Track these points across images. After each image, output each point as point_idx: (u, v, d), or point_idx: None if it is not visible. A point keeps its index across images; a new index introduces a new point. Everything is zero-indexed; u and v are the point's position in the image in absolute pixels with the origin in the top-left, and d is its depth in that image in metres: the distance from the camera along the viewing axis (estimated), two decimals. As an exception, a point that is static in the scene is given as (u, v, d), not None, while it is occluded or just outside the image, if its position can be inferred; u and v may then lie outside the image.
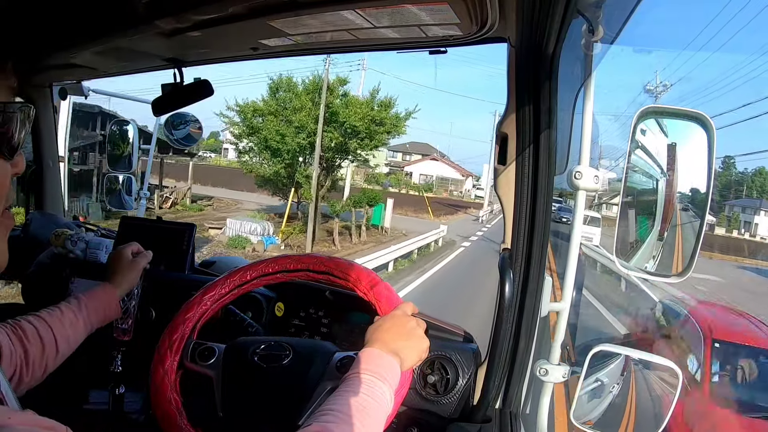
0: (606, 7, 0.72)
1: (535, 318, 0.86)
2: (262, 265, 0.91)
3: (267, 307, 1.11)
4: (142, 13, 0.81)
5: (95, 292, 0.93)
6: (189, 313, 0.86)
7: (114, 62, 1.23)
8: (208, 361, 0.82)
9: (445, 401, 0.88)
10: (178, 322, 0.85)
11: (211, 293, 0.88)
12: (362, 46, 0.97)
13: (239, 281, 0.90)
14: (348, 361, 0.76)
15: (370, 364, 0.67)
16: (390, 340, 0.71)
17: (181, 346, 0.83)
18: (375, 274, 0.85)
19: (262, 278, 0.91)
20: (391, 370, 0.68)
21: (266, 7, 0.78)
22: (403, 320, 0.75)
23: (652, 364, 0.89)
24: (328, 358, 0.79)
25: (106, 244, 1.29)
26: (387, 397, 0.65)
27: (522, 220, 0.84)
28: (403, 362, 0.70)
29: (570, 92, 0.83)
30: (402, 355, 0.70)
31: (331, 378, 0.75)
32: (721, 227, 32.62)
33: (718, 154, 0.72)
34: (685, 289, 6.52)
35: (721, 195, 34.50)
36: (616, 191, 0.83)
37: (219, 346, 0.84)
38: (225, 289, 0.89)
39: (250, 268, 0.91)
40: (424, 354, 0.75)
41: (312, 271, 0.89)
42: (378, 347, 0.70)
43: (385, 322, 0.74)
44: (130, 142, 1.78)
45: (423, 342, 0.74)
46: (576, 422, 0.86)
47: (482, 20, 0.73)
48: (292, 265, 0.90)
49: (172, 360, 0.81)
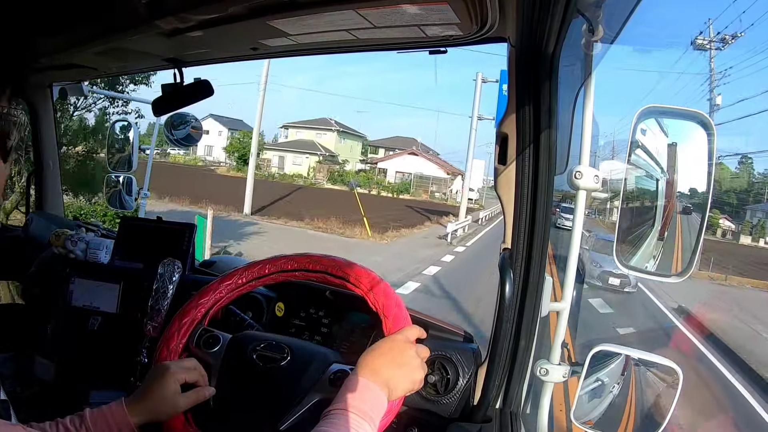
0: (606, 7, 0.72)
1: (536, 318, 0.86)
2: (283, 260, 0.92)
3: (267, 307, 1.11)
4: (143, 13, 0.81)
5: (104, 414, 0.72)
6: (203, 298, 0.87)
7: (114, 62, 1.23)
8: (211, 349, 0.83)
9: (446, 401, 0.88)
10: (190, 306, 0.86)
11: (228, 282, 0.90)
12: (362, 46, 0.97)
13: (258, 274, 0.91)
14: (342, 375, 0.76)
15: (355, 399, 0.65)
16: (381, 367, 0.70)
17: (189, 330, 0.84)
18: (375, 274, 0.85)
19: (281, 273, 0.92)
20: (377, 405, 0.67)
21: (266, 7, 0.78)
22: (401, 347, 0.73)
23: (652, 363, 0.89)
24: (323, 368, 0.79)
25: (106, 244, 1.29)
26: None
27: (522, 219, 0.84)
28: (391, 392, 0.69)
29: (570, 92, 0.83)
30: (392, 385, 0.69)
31: (320, 390, 0.75)
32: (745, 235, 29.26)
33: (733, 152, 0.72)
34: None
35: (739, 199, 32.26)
36: (617, 191, 0.83)
37: (225, 335, 0.85)
38: (242, 279, 0.91)
39: (269, 263, 0.92)
40: (418, 385, 0.74)
41: (307, 271, 0.90)
42: (368, 376, 0.69)
43: (383, 345, 0.73)
44: (131, 142, 1.78)
45: (417, 373, 0.73)
46: (576, 422, 0.86)
47: (482, 20, 0.73)
48: (288, 264, 0.91)
49: (177, 342, 0.83)
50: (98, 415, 0.72)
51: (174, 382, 0.75)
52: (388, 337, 0.75)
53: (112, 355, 1.13)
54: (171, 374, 0.75)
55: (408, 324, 0.78)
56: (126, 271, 1.25)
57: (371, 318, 0.92)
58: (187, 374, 0.77)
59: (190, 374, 0.77)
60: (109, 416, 0.72)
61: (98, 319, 1.23)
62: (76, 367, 1.23)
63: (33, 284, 1.29)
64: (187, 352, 0.84)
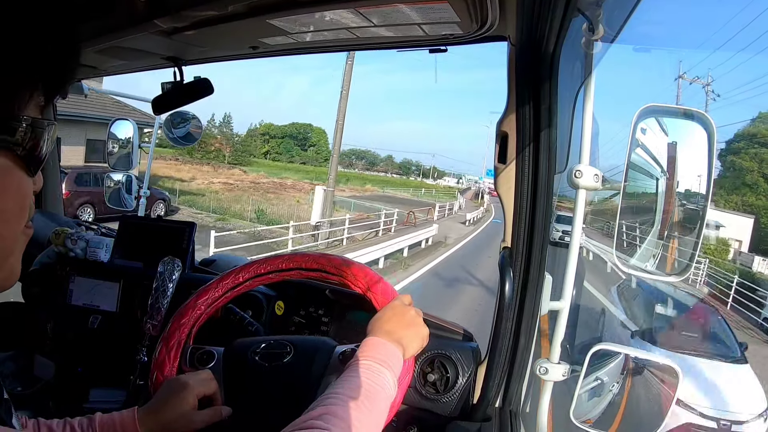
0: (606, 6, 0.71)
1: (535, 316, 0.86)
2: (254, 266, 0.91)
3: (267, 305, 1.11)
4: (143, 11, 0.80)
5: (114, 421, 0.70)
6: (183, 318, 0.86)
7: (114, 61, 1.23)
8: (207, 365, 0.81)
9: (445, 400, 0.88)
10: (173, 329, 0.85)
11: (204, 297, 0.88)
12: (362, 45, 0.97)
13: (231, 284, 0.90)
14: (349, 353, 0.77)
15: (372, 351, 0.68)
16: (392, 330, 0.72)
17: (179, 352, 0.82)
18: (371, 270, 0.86)
19: (255, 279, 0.91)
20: (394, 357, 0.69)
21: (266, 5, 0.77)
22: (402, 310, 0.76)
23: (651, 362, 0.89)
24: (329, 353, 0.79)
25: (106, 243, 1.29)
26: (390, 382, 0.66)
27: (522, 218, 0.84)
28: (405, 350, 0.72)
29: (570, 91, 0.83)
30: (404, 343, 0.72)
31: (333, 372, 0.76)
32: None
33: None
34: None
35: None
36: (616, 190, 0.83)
37: (217, 349, 0.84)
38: (218, 292, 0.90)
39: (242, 270, 0.91)
40: (425, 341, 0.76)
41: (304, 269, 0.90)
42: (380, 336, 0.71)
43: (385, 312, 0.76)
44: (130, 140, 1.78)
45: (423, 329, 0.76)
46: (576, 421, 0.86)
47: (482, 19, 0.73)
48: (284, 264, 0.91)
49: (171, 367, 0.81)
50: (108, 422, 0.70)
51: (193, 398, 0.73)
52: (387, 305, 0.78)
53: (112, 354, 1.13)
54: (191, 389, 0.73)
55: (396, 295, 0.81)
56: (126, 270, 1.25)
57: (371, 316, 0.92)
58: (206, 387, 0.76)
59: (207, 386, 0.76)
60: (119, 425, 0.70)
61: (98, 317, 1.23)
62: (76, 366, 1.23)
63: (33, 283, 1.29)
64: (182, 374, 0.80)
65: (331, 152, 14.10)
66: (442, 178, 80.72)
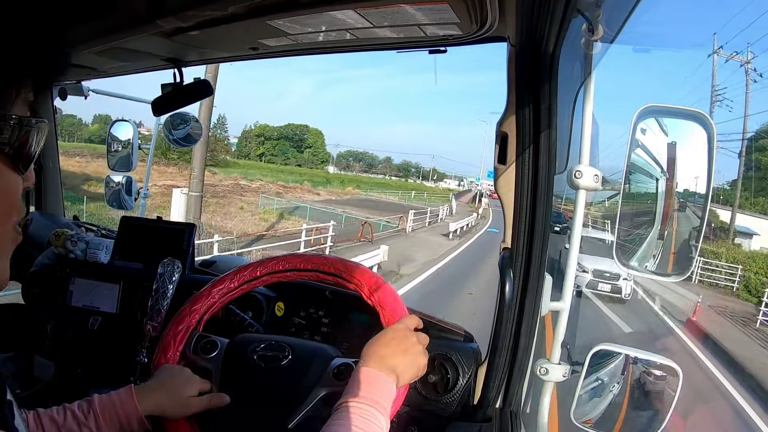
0: (606, 7, 0.72)
1: (536, 317, 0.86)
2: (272, 262, 0.91)
3: (267, 306, 1.11)
4: (142, 12, 0.81)
5: (113, 401, 0.73)
6: (196, 304, 0.87)
7: (114, 62, 1.23)
8: (209, 354, 0.82)
9: (446, 401, 0.88)
10: (184, 313, 0.86)
11: (220, 286, 0.89)
12: (362, 46, 0.97)
13: (249, 277, 0.90)
14: (345, 368, 0.76)
15: (364, 389, 0.66)
16: (388, 356, 0.71)
17: (185, 337, 0.83)
18: (378, 276, 0.85)
19: (272, 275, 0.91)
20: (387, 393, 0.68)
21: (266, 6, 0.77)
22: (403, 335, 0.74)
23: (652, 363, 0.89)
24: (326, 364, 0.79)
25: (106, 244, 1.29)
26: (383, 424, 0.64)
27: (522, 219, 0.84)
28: (399, 379, 0.70)
29: (570, 91, 0.83)
30: (398, 371, 0.70)
31: (325, 384, 0.75)
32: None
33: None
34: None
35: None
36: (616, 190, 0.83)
37: (222, 340, 0.85)
38: (234, 283, 0.90)
39: (260, 265, 0.91)
40: (422, 371, 0.74)
41: (322, 272, 0.89)
42: (374, 365, 0.69)
43: (386, 335, 0.74)
44: (130, 142, 1.78)
45: (421, 359, 0.74)
46: (576, 421, 0.86)
47: (482, 20, 0.73)
48: (302, 264, 0.90)
49: (175, 350, 0.82)
50: (107, 402, 0.72)
51: (195, 384, 0.77)
52: (389, 327, 0.76)
53: (112, 355, 1.13)
54: (195, 379, 0.78)
55: (405, 314, 0.79)
56: (126, 271, 1.25)
57: (371, 318, 0.91)
58: (202, 384, 0.79)
59: (206, 386, 0.80)
60: (118, 404, 0.72)
61: (98, 319, 1.23)
62: (76, 367, 1.23)
63: (33, 284, 1.29)
64: (184, 360, 0.83)
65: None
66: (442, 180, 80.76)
